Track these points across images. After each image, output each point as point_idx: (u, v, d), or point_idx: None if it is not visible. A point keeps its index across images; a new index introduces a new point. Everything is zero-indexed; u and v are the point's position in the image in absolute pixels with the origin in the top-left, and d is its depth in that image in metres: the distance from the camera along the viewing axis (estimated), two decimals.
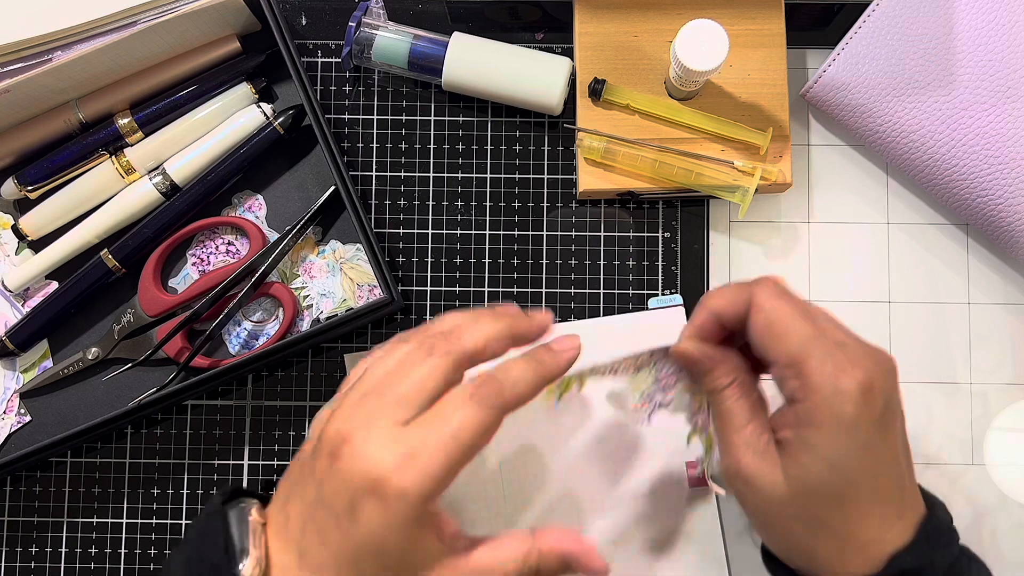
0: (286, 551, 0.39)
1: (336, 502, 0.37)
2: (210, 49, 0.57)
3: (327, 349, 0.58)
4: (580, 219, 0.58)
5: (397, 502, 0.36)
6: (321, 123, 0.54)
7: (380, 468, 0.36)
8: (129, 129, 0.57)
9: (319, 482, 0.38)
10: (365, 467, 0.36)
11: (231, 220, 0.58)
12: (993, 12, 0.52)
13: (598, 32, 0.56)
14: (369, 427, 0.37)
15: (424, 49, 0.56)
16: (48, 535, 0.57)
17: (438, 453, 0.36)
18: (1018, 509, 0.56)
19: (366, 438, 0.37)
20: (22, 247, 0.59)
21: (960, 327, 0.57)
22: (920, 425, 0.57)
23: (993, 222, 0.54)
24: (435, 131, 0.59)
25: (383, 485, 0.36)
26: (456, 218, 0.58)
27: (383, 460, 0.36)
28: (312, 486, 0.39)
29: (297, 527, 0.39)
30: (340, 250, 0.58)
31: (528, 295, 0.58)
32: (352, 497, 0.37)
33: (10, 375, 0.58)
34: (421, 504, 0.36)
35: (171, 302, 0.57)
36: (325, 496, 0.38)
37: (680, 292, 0.57)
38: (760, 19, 0.56)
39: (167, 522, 0.57)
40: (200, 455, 0.57)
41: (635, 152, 0.55)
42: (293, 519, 0.39)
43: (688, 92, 0.55)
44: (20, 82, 0.52)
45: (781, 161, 0.56)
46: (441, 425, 0.37)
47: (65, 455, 0.58)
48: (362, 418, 0.38)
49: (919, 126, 0.54)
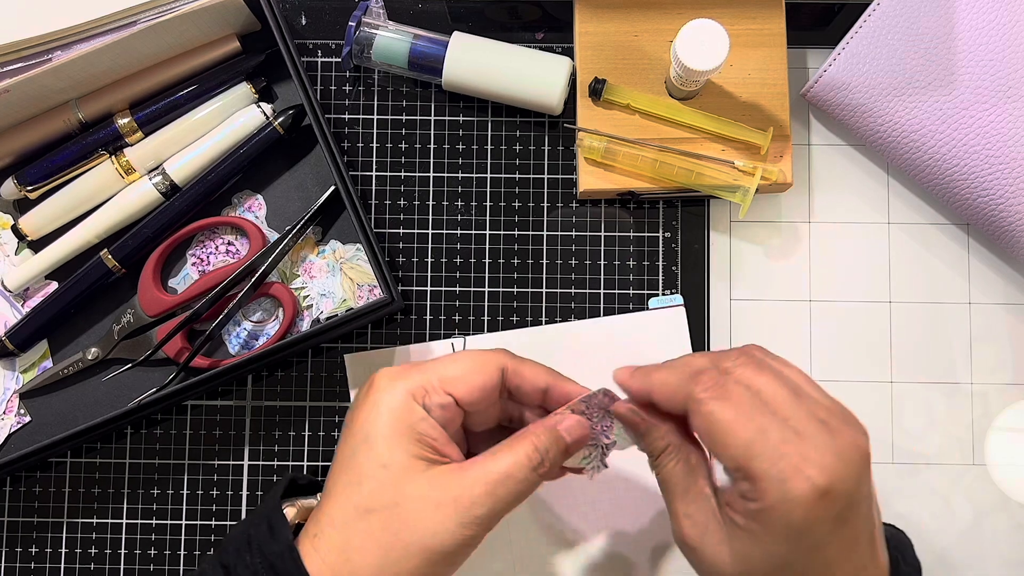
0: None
1: (347, 417, 0.44)
2: (210, 49, 0.57)
3: (327, 349, 0.58)
4: (580, 219, 0.58)
5: (377, 382, 0.43)
6: (321, 123, 0.54)
7: (377, 373, 0.44)
8: (129, 129, 0.56)
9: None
10: (371, 377, 0.44)
11: (231, 220, 0.58)
12: (993, 12, 0.52)
13: (598, 32, 0.56)
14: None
15: (424, 49, 0.56)
16: (48, 535, 0.57)
17: (428, 364, 0.43)
18: (1018, 509, 0.56)
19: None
20: (22, 247, 0.58)
21: (960, 327, 0.57)
22: (920, 425, 0.57)
23: (994, 222, 0.54)
24: (435, 131, 0.59)
25: (372, 380, 0.43)
26: (456, 218, 0.58)
27: (382, 369, 0.44)
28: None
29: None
30: (340, 250, 0.58)
31: (528, 295, 0.58)
32: (356, 401, 0.44)
33: (10, 375, 0.58)
34: (398, 385, 0.42)
35: (171, 302, 0.57)
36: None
37: (680, 292, 0.57)
38: (760, 19, 0.56)
39: (167, 522, 0.57)
40: (200, 455, 0.57)
41: (635, 152, 0.55)
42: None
43: (688, 92, 0.55)
44: (20, 82, 0.52)
45: (781, 161, 0.55)
46: (444, 359, 0.44)
47: (65, 455, 0.58)
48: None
49: (920, 126, 0.54)
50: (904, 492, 0.56)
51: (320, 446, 0.57)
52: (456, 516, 0.40)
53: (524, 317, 0.57)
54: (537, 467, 0.42)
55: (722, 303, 0.58)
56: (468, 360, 0.44)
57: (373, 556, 0.40)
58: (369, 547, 0.40)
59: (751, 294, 0.58)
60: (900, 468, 0.56)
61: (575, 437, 0.43)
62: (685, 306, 0.57)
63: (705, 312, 0.57)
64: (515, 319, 0.57)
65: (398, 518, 0.40)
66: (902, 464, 0.56)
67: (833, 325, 0.57)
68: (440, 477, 0.41)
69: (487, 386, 0.43)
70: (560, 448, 0.43)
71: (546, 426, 0.43)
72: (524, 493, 0.42)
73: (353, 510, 0.40)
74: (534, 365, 0.45)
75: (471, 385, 0.43)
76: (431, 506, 0.40)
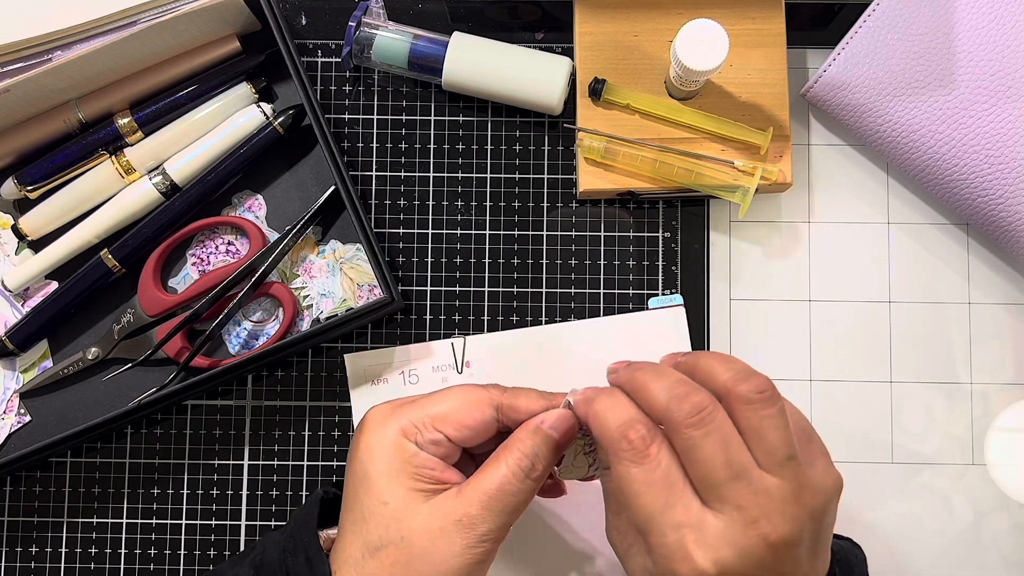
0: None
1: (348, 454, 0.45)
2: (210, 49, 0.57)
3: (327, 349, 0.58)
4: (580, 219, 0.58)
5: (369, 423, 0.44)
6: (321, 123, 0.54)
7: (369, 412, 0.45)
8: (129, 129, 0.57)
9: None
10: (365, 416, 0.45)
11: (231, 220, 0.58)
12: (993, 11, 0.52)
13: (598, 32, 0.56)
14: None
15: (424, 49, 0.56)
16: (48, 535, 0.57)
17: (419, 401, 0.44)
18: (1018, 509, 0.56)
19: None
20: (22, 247, 0.59)
21: (960, 327, 0.57)
22: (920, 425, 0.57)
23: (994, 222, 0.54)
24: (435, 131, 0.59)
25: (364, 419, 0.44)
26: (456, 218, 0.58)
27: (373, 408, 0.45)
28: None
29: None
30: (340, 250, 0.58)
31: (528, 295, 0.58)
32: (353, 440, 0.45)
33: (10, 375, 0.58)
34: (389, 424, 0.43)
35: (171, 302, 0.57)
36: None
37: (680, 292, 0.57)
38: (760, 19, 0.56)
39: (167, 522, 0.57)
40: (200, 455, 0.57)
41: (635, 152, 0.55)
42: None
43: (688, 92, 0.55)
44: (20, 82, 0.52)
45: (781, 161, 0.55)
46: (435, 396, 0.44)
47: (65, 455, 0.58)
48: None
49: (919, 126, 0.54)
50: (904, 492, 0.56)
51: (320, 446, 0.57)
52: (461, 539, 0.40)
53: (524, 317, 0.58)
54: (529, 473, 0.42)
55: (722, 303, 0.58)
56: (459, 397, 0.44)
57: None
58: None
59: (751, 294, 0.58)
60: (900, 468, 0.56)
61: (562, 431, 0.42)
62: (685, 306, 0.57)
63: (705, 312, 0.57)
64: (515, 319, 0.57)
65: (407, 552, 0.40)
66: (902, 464, 0.56)
67: (833, 325, 0.57)
68: (439, 504, 0.41)
69: (478, 425, 0.43)
70: (550, 446, 0.42)
71: (529, 429, 0.42)
72: (524, 502, 0.42)
73: (363, 547, 0.41)
74: (528, 394, 0.44)
75: (462, 423, 0.43)
76: (436, 534, 0.40)
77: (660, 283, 0.58)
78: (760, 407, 0.38)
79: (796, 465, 0.38)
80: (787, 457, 0.37)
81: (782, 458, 0.37)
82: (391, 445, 0.42)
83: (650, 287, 0.58)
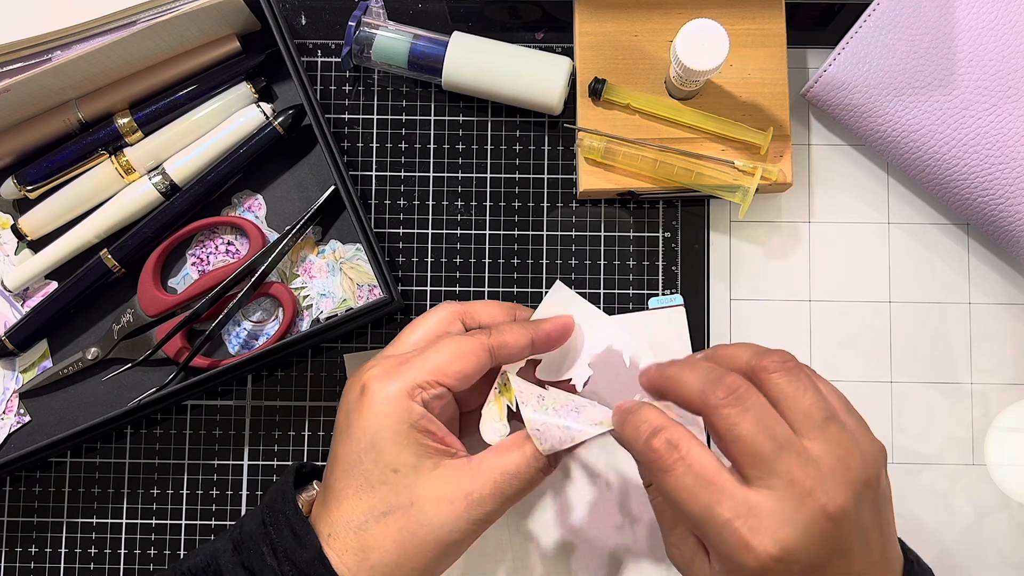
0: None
1: (340, 419, 0.44)
2: (210, 49, 0.57)
3: (327, 349, 0.58)
4: (580, 219, 0.58)
5: (369, 388, 0.43)
6: (321, 123, 0.54)
7: (367, 376, 0.43)
8: (129, 129, 0.56)
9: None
10: (359, 379, 0.44)
11: (231, 220, 0.58)
12: (993, 12, 0.52)
13: (598, 32, 0.56)
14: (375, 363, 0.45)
15: (424, 49, 0.56)
16: (48, 535, 0.57)
17: (415, 359, 0.43)
18: (1018, 509, 0.56)
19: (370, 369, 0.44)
20: (22, 247, 0.58)
21: (960, 327, 0.57)
22: (920, 425, 0.57)
23: (994, 222, 0.54)
24: (435, 131, 0.59)
25: (362, 382, 0.43)
26: (456, 218, 0.58)
27: (370, 371, 0.44)
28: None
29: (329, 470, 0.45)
30: (340, 250, 0.58)
31: (528, 295, 0.58)
32: (348, 405, 0.44)
33: (10, 375, 0.58)
34: (391, 386, 0.42)
35: (171, 302, 0.57)
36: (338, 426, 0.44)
37: (680, 292, 0.57)
38: (760, 19, 0.56)
39: (167, 522, 0.57)
40: (200, 455, 0.57)
41: (635, 152, 0.55)
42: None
43: (688, 92, 0.55)
44: (20, 82, 0.52)
45: (781, 161, 0.55)
46: (429, 351, 0.44)
47: (65, 455, 0.58)
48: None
49: (920, 126, 0.54)
50: (904, 492, 0.56)
51: (320, 446, 0.57)
52: (467, 512, 0.41)
53: None
54: (544, 468, 0.43)
55: (722, 303, 0.58)
56: (454, 347, 0.44)
57: (391, 554, 0.41)
58: (387, 546, 0.41)
59: (751, 294, 0.58)
60: (900, 468, 0.56)
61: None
62: (685, 306, 0.57)
63: (705, 312, 0.57)
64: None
65: (414, 517, 0.41)
66: (902, 464, 0.56)
67: (833, 325, 0.57)
68: (450, 473, 0.42)
69: (476, 372, 0.44)
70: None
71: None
72: (529, 489, 0.43)
73: (368, 513, 0.42)
74: (512, 329, 0.46)
75: (462, 373, 0.43)
76: (445, 503, 0.41)
77: (660, 283, 0.58)
78: (786, 374, 0.39)
79: (838, 428, 0.38)
80: (825, 419, 0.38)
81: (820, 420, 0.38)
82: (398, 408, 0.42)
83: (650, 287, 0.58)
